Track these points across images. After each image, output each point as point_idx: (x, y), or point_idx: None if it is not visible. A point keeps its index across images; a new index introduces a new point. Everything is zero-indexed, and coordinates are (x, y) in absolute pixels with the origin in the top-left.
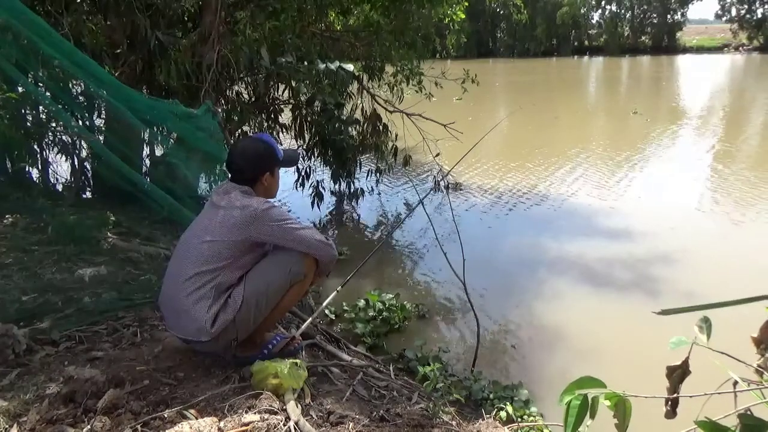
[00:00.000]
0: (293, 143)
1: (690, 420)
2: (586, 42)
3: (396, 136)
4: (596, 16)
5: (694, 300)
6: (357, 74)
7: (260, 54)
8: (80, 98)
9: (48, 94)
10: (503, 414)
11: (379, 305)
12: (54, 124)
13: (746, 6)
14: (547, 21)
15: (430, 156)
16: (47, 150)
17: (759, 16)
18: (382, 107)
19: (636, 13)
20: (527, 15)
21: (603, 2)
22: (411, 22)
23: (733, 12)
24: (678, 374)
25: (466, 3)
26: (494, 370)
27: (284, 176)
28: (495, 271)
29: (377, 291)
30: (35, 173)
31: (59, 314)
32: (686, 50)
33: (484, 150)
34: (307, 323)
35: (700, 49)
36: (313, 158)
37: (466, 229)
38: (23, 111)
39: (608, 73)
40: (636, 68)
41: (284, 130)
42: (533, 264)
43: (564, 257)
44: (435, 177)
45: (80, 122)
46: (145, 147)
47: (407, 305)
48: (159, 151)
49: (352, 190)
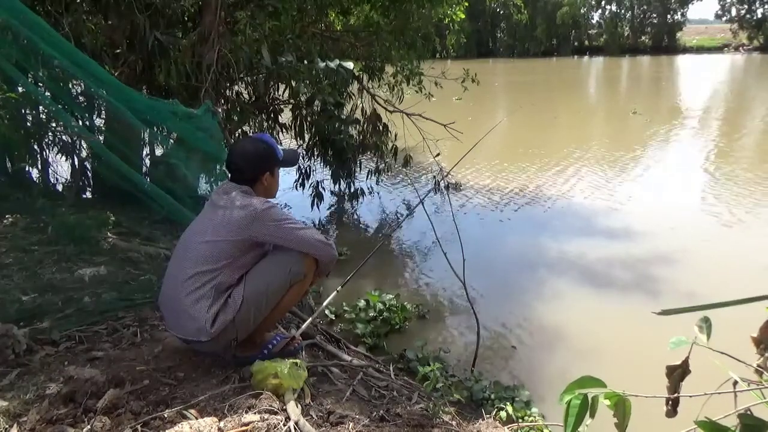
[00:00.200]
0: (293, 143)
1: (690, 420)
2: (586, 42)
3: (396, 136)
4: (596, 16)
5: (694, 300)
6: (357, 74)
7: (261, 54)
8: (80, 98)
9: (48, 94)
10: (503, 414)
11: (380, 305)
12: (54, 124)
13: (746, 6)
14: (547, 21)
15: (430, 156)
16: (47, 150)
17: (759, 16)
18: (382, 107)
19: (636, 13)
20: (527, 15)
21: (603, 2)
22: (411, 22)
23: (733, 12)
24: (678, 374)
25: (466, 3)
26: (494, 370)
27: (284, 176)
28: (495, 271)
29: (377, 291)
30: (35, 173)
31: (59, 314)
32: (686, 50)
33: (484, 150)
34: (307, 323)
35: (700, 49)
36: (313, 158)
37: (466, 229)
38: (23, 111)
39: (608, 73)
40: (636, 68)
41: (284, 130)
42: (533, 264)
43: (564, 257)
44: (435, 177)
45: (80, 122)
46: (145, 147)
47: (408, 305)
48: (159, 151)
49: (352, 190)
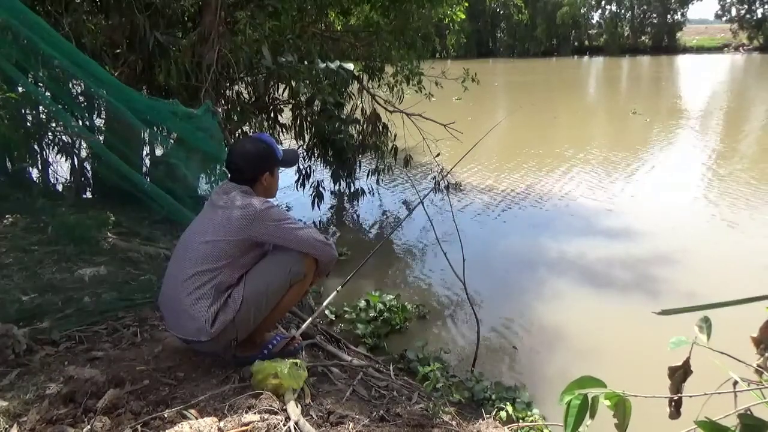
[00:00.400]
0: (293, 143)
1: (690, 420)
2: (586, 42)
3: (396, 136)
4: (596, 16)
5: (695, 300)
6: (357, 74)
7: (261, 54)
8: (80, 98)
9: (48, 94)
10: (503, 414)
11: (380, 306)
12: (54, 124)
13: (746, 6)
14: (547, 21)
15: (430, 156)
16: (47, 150)
17: (759, 16)
18: (382, 107)
19: (636, 13)
20: (527, 15)
21: (603, 2)
22: (411, 22)
23: (733, 12)
24: (680, 374)
25: (466, 3)
26: (495, 371)
27: (285, 176)
28: (495, 271)
29: (378, 292)
30: (35, 173)
31: (59, 314)
32: (686, 50)
33: (484, 150)
34: (307, 323)
35: (700, 49)
36: (313, 158)
37: (466, 229)
38: (23, 111)
39: (608, 73)
40: (636, 68)
41: (284, 130)
42: (533, 264)
43: (564, 257)
44: (435, 177)
45: (80, 122)
46: (145, 147)
47: (408, 306)
48: (159, 151)
49: (353, 190)
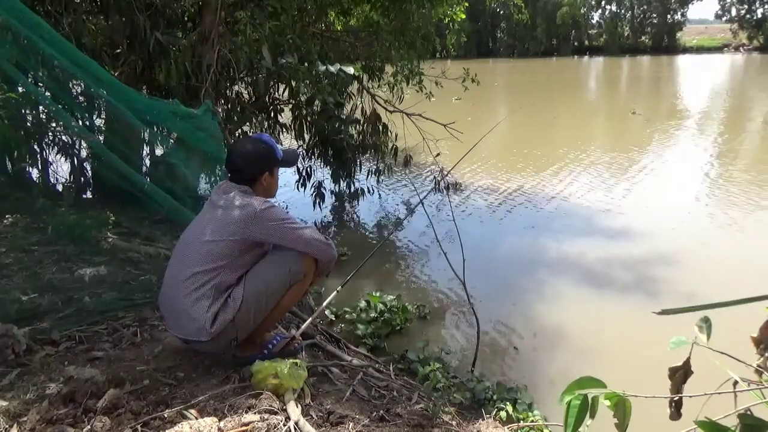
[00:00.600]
0: (293, 143)
1: (690, 420)
2: (586, 42)
3: (396, 136)
4: (596, 16)
5: (695, 300)
6: (357, 74)
7: (261, 54)
8: (80, 98)
9: (48, 94)
10: (503, 414)
11: (381, 306)
12: (54, 124)
13: (746, 6)
14: (547, 21)
15: (430, 156)
16: (47, 150)
17: (759, 16)
18: (382, 107)
19: (636, 13)
20: (527, 15)
21: (603, 2)
22: (411, 22)
23: (733, 12)
24: (680, 375)
25: (466, 3)
26: (495, 371)
27: (285, 176)
28: (495, 271)
29: (378, 292)
30: (35, 173)
31: (59, 314)
32: (686, 50)
33: (484, 150)
34: (307, 323)
35: (700, 49)
36: (313, 158)
37: (466, 229)
38: (23, 111)
39: (608, 74)
40: (636, 68)
41: (284, 130)
42: (533, 264)
43: (564, 257)
44: (435, 177)
45: (80, 122)
46: (145, 147)
47: (409, 306)
48: (159, 151)
49: (353, 190)
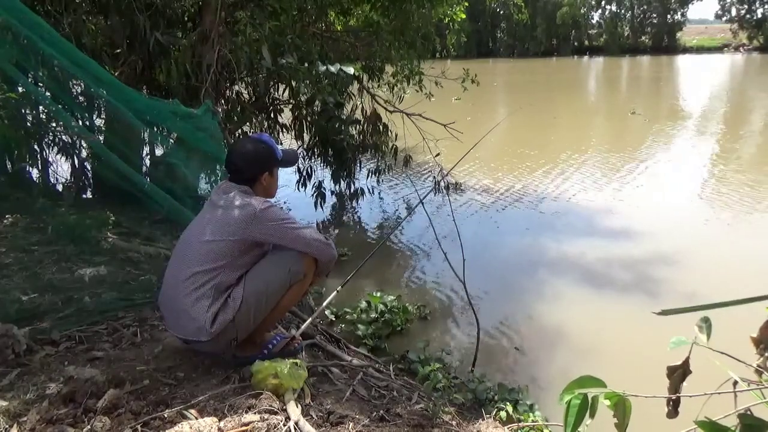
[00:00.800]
0: (293, 143)
1: (690, 420)
2: (586, 42)
3: (396, 136)
4: (596, 16)
5: (695, 300)
6: (357, 74)
7: (261, 54)
8: (80, 98)
9: (48, 94)
10: (503, 414)
11: (381, 307)
12: (54, 124)
13: (746, 6)
14: (547, 21)
15: (430, 156)
16: (47, 150)
17: (759, 16)
18: (382, 107)
19: (636, 13)
20: (527, 14)
21: (603, 2)
22: (411, 22)
23: (733, 12)
24: (679, 374)
25: (466, 3)
26: (496, 371)
27: (285, 176)
28: (495, 272)
29: (379, 292)
30: (35, 173)
31: (59, 314)
32: (686, 50)
33: (484, 150)
34: (307, 323)
35: (700, 49)
36: (314, 158)
37: (466, 229)
38: (23, 111)
39: (608, 74)
40: (636, 68)
41: (284, 130)
42: (533, 264)
43: (564, 257)
44: (435, 177)
45: (80, 122)
46: (145, 147)
47: (409, 307)
48: (159, 151)
49: (353, 190)
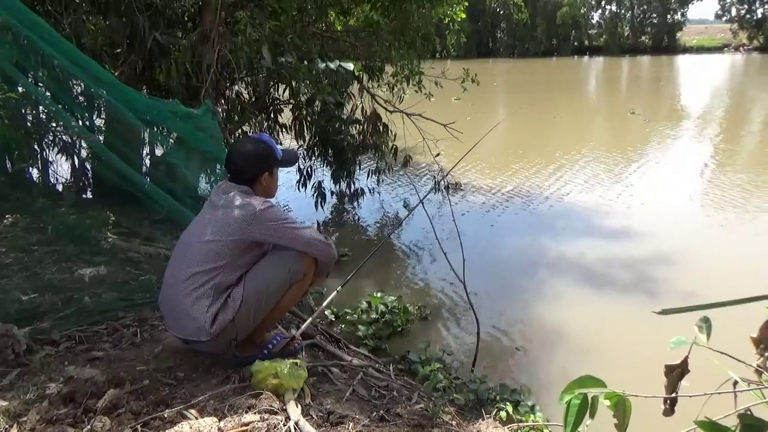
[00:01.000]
0: (293, 143)
1: (690, 420)
2: (586, 42)
3: (396, 136)
4: (596, 16)
5: (694, 300)
6: (357, 74)
7: (261, 54)
8: (80, 98)
9: (48, 94)
10: (503, 414)
11: (382, 307)
12: (54, 124)
13: (746, 6)
14: (547, 21)
15: (430, 156)
16: (47, 150)
17: (759, 16)
18: (382, 107)
19: (636, 13)
20: (527, 14)
21: (603, 2)
22: (411, 22)
23: (733, 12)
24: (677, 373)
25: (466, 3)
26: (496, 371)
27: (285, 176)
28: (495, 272)
29: (379, 293)
30: (35, 173)
31: (59, 314)
32: (686, 50)
33: (484, 150)
34: (308, 323)
35: (700, 49)
36: (314, 158)
37: (466, 229)
38: (23, 111)
39: (608, 74)
40: (636, 68)
41: (284, 130)
42: (533, 264)
43: (564, 257)
44: (435, 177)
45: (80, 122)
46: (145, 147)
47: (410, 307)
48: (159, 151)
49: (353, 190)
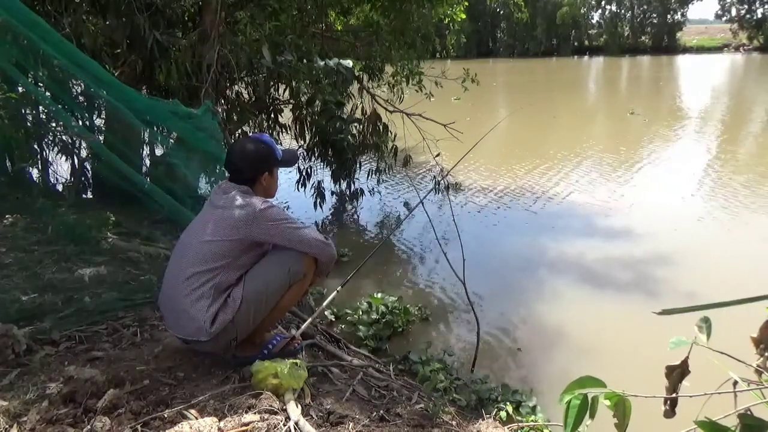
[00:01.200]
0: (293, 143)
1: (690, 420)
2: (586, 42)
3: (396, 136)
4: (596, 16)
5: (695, 300)
6: (357, 74)
7: (261, 54)
8: (80, 98)
9: (48, 94)
10: (503, 414)
11: (382, 308)
12: (54, 124)
13: (746, 6)
14: (547, 21)
15: (430, 156)
16: (47, 150)
17: (759, 16)
18: (382, 107)
19: (636, 13)
20: (527, 14)
21: (603, 2)
22: (411, 22)
23: (733, 12)
24: (677, 373)
25: (466, 3)
26: (496, 371)
27: (286, 176)
28: (495, 272)
29: (380, 293)
30: (35, 173)
31: (59, 314)
32: (686, 50)
33: (484, 150)
34: (307, 323)
35: (700, 49)
36: (314, 158)
37: (466, 229)
38: (23, 111)
39: (608, 74)
40: (636, 68)
41: (284, 130)
42: (533, 264)
43: (564, 257)
44: (435, 177)
45: (80, 122)
46: (145, 147)
47: (410, 308)
48: (159, 151)
49: (353, 191)
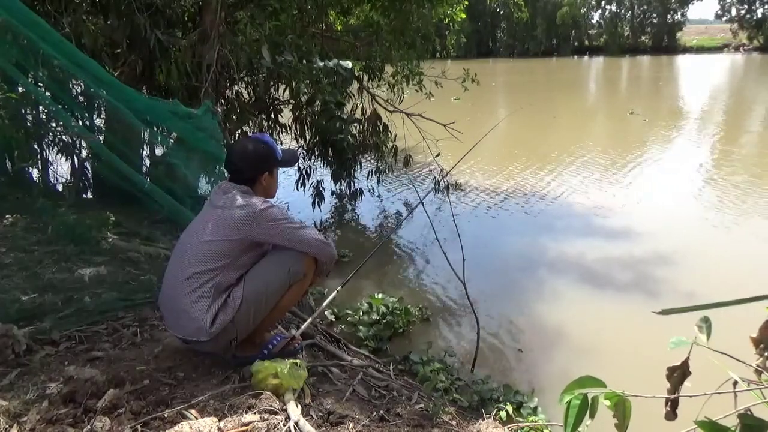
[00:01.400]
0: (293, 143)
1: (690, 420)
2: (586, 42)
3: (396, 136)
4: (596, 16)
5: (694, 300)
6: (357, 74)
7: (261, 53)
8: (80, 98)
9: (48, 94)
10: (503, 414)
11: (383, 308)
12: (54, 124)
13: (746, 6)
14: (547, 21)
15: (430, 156)
16: (47, 150)
17: (759, 16)
18: (382, 107)
19: (636, 13)
20: (527, 13)
21: (603, 2)
22: (411, 22)
23: (733, 12)
24: (678, 375)
25: (466, 3)
26: (496, 371)
27: (285, 176)
28: (495, 272)
29: (380, 293)
30: (35, 173)
31: (59, 314)
32: (686, 50)
33: (483, 150)
34: (308, 323)
35: (700, 49)
36: (314, 158)
37: (466, 229)
38: (23, 111)
39: (608, 74)
40: (636, 68)
41: (284, 130)
42: (533, 264)
43: (564, 257)
44: (435, 177)
45: (80, 122)
46: (145, 147)
47: (411, 308)
48: (159, 151)
49: (353, 190)
